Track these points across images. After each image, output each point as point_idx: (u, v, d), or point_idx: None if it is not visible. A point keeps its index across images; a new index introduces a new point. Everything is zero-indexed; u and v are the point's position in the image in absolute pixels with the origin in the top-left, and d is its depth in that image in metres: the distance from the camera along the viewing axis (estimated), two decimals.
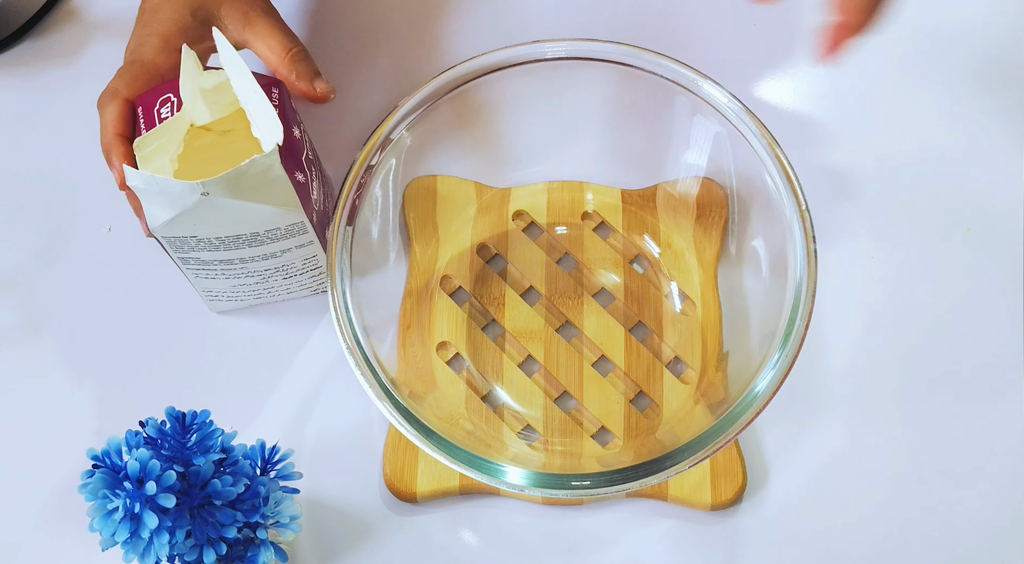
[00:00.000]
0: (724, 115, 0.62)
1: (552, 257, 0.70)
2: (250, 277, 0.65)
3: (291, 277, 0.66)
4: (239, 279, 0.65)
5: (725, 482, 0.64)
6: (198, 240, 0.60)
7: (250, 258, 0.63)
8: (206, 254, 0.62)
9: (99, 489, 0.52)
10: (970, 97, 0.75)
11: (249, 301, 0.68)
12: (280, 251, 0.63)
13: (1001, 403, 0.67)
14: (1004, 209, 0.72)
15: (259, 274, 0.65)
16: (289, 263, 0.64)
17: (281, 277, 0.66)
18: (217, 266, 0.63)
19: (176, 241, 0.60)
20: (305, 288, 0.68)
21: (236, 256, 0.62)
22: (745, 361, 0.62)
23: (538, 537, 0.65)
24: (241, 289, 0.66)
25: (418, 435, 0.57)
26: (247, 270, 0.64)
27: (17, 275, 0.72)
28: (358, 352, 0.58)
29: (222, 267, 0.63)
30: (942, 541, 0.65)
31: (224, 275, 0.64)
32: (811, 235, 0.59)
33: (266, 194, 0.58)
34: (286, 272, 0.65)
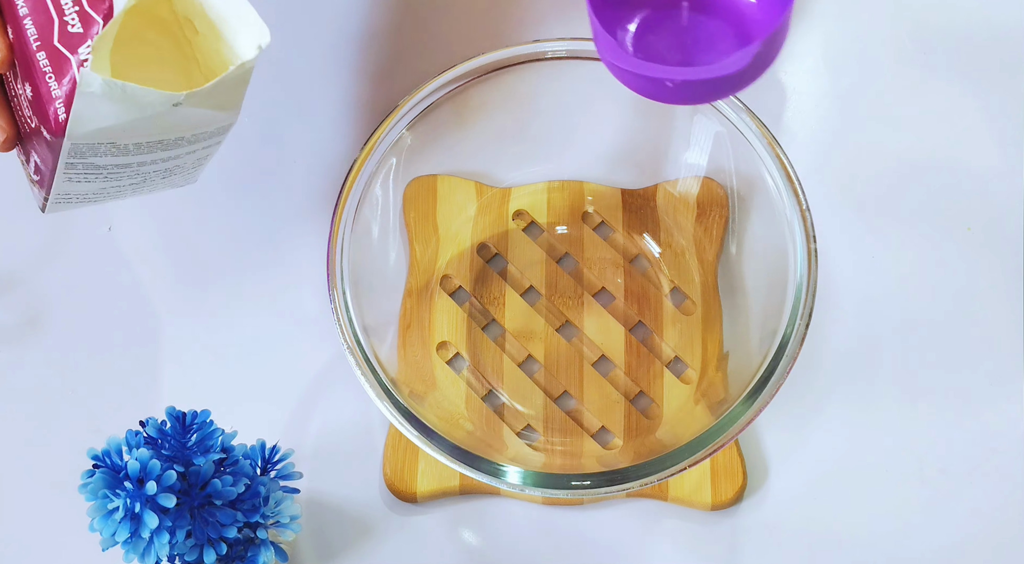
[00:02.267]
0: (724, 114, 0.62)
1: (552, 257, 0.70)
2: (130, 179, 0.57)
3: (169, 176, 0.59)
4: (116, 181, 0.57)
5: (725, 482, 0.64)
6: (113, 146, 0.53)
7: (151, 161, 0.56)
8: (106, 159, 0.54)
9: (99, 489, 0.52)
10: (970, 97, 0.75)
11: (96, 200, 0.60)
12: (188, 152, 0.57)
13: (1001, 403, 0.67)
14: (1004, 209, 0.72)
15: (142, 176, 0.57)
16: (182, 163, 0.58)
17: (160, 177, 0.59)
18: (105, 170, 0.56)
19: (85, 147, 0.53)
20: (174, 185, 0.61)
21: (139, 160, 0.55)
22: (745, 361, 0.62)
23: (538, 537, 0.65)
24: (104, 191, 0.58)
25: (418, 435, 0.57)
26: (136, 172, 0.57)
27: (17, 275, 0.72)
28: (358, 352, 0.58)
29: (111, 171, 0.56)
30: (942, 541, 0.65)
31: (103, 178, 0.56)
32: (811, 234, 0.59)
33: (227, 99, 0.53)
34: (168, 172, 0.59)
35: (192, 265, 0.72)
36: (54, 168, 0.54)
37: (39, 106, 0.51)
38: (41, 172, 0.56)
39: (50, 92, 0.51)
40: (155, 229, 0.73)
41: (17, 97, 0.54)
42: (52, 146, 0.52)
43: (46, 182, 0.56)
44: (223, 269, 0.71)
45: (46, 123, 0.51)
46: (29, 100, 0.52)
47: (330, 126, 0.75)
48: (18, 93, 0.53)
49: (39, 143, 0.54)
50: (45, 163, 0.54)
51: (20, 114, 0.54)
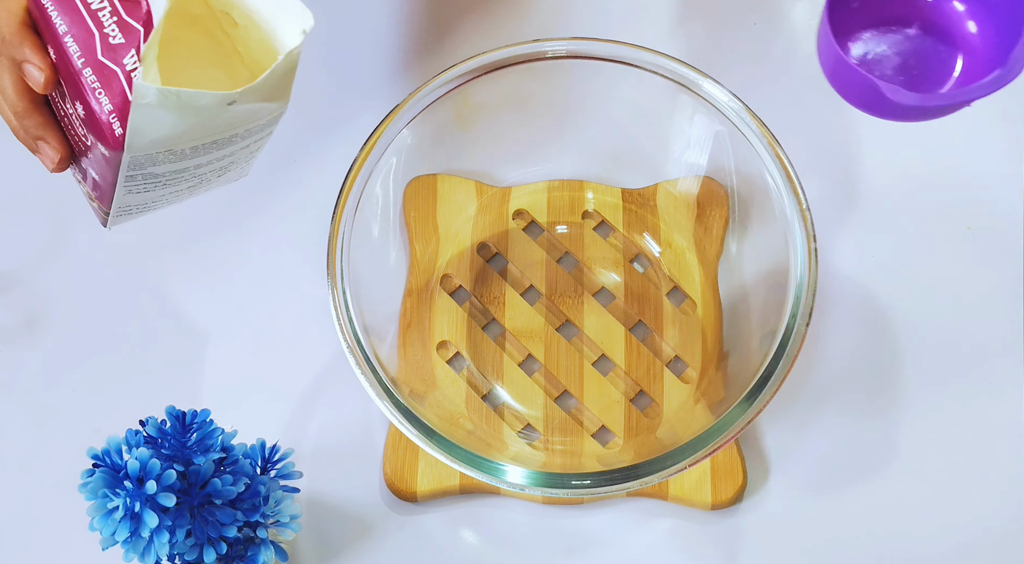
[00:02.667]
0: (725, 114, 0.62)
1: (552, 256, 0.70)
2: (187, 182, 0.56)
3: (224, 173, 0.58)
4: (174, 187, 0.56)
5: (725, 481, 0.64)
6: (170, 153, 0.52)
7: (207, 162, 0.55)
8: (164, 167, 0.53)
9: (99, 488, 0.52)
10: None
11: (156, 207, 0.59)
12: (241, 148, 0.55)
13: (1001, 403, 0.67)
14: (1004, 209, 0.72)
15: (198, 177, 0.56)
16: (236, 158, 0.57)
17: (216, 175, 0.57)
18: (163, 177, 0.54)
19: (144, 158, 0.51)
20: (229, 181, 0.60)
21: (195, 163, 0.54)
22: (746, 360, 0.62)
23: (538, 536, 0.65)
24: (164, 197, 0.57)
25: (419, 434, 0.56)
26: (193, 175, 0.56)
27: (17, 275, 0.72)
28: (358, 351, 0.58)
29: (169, 177, 0.55)
30: (942, 541, 0.65)
31: (162, 185, 0.55)
32: (811, 234, 0.59)
33: (277, 90, 0.52)
34: (223, 169, 0.57)
35: (192, 265, 0.72)
36: (114, 183, 0.53)
37: (93, 123, 0.50)
38: (100, 188, 0.55)
39: (102, 108, 0.49)
40: (155, 229, 0.73)
41: (67, 117, 0.53)
42: (110, 161, 0.51)
43: (106, 197, 0.55)
44: (223, 269, 0.71)
45: (103, 139, 0.50)
46: (81, 118, 0.51)
47: (330, 126, 0.75)
48: (68, 112, 0.52)
49: (95, 160, 0.53)
50: (104, 179, 0.53)
51: (73, 133, 0.53)
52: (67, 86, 0.51)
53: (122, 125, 0.49)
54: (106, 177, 0.53)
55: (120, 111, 0.49)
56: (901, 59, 0.58)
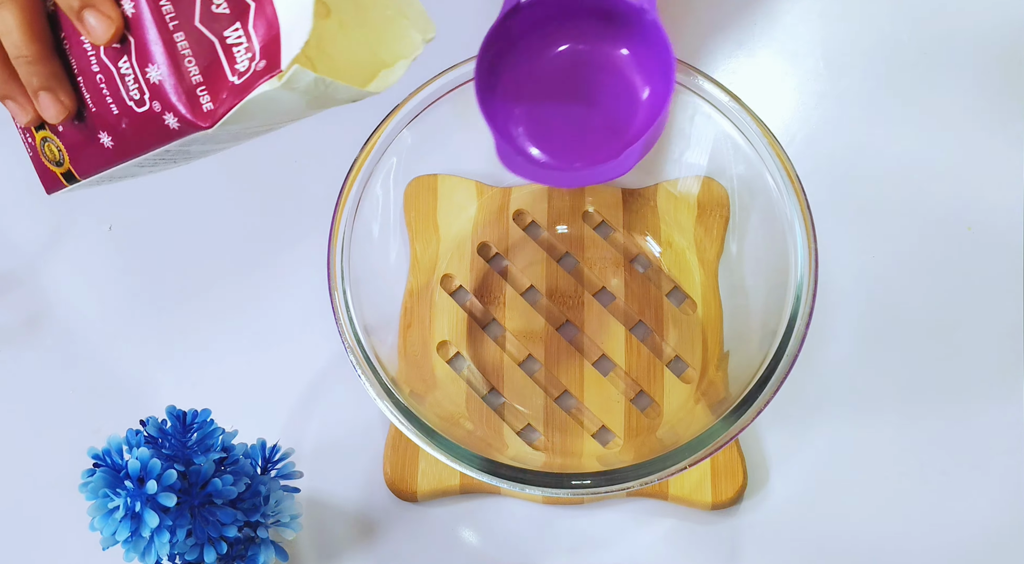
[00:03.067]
0: (725, 114, 0.62)
1: (553, 256, 0.70)
2: (188, 159, 0.52)
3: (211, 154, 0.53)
4: (171, 164, 0.52)
5: (725, 481, 0.64)
6: (238, 133, 0.48)
7: (227, 145, 0.51)
8: (207, 146, 0.49)
9: (100, 488, 0.52)
10: (970, 98, 0.75)
11: (126, 179, 0.54)
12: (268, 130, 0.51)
13: (1001, 403, 0.67)
14: (1004, 209, 0.72)
15: (202, 154, 0.52)
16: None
17: (206, 155, 0.53)
18: (189, 155, 0.51)
19: (211, 135, 0.47)
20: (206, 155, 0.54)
21: (227, 145, 0.51)
22: (746, 360, 0.62)
23: (538, 536, 0.65)
24: (147, 172, 0.53)
25: (419, 434, 0.56)
26: (205, 152, 0.52)
27: (17, 275, 0.72)
28: (358, 351, 0.58)
29: (192, 155, 0.51)
30: (942, 541, 0.65)
31: (173, 162, 0.52)
32: (812, 234, 0.59)
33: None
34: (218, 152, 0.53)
35: (192, 265, 0.72)
36: (137, 152, 0.48)
37: (164, 92, 0.45)
38: (98, 153, 0.49)
39: (188, 78, 0.45)
40: (155, 229, 0.73)
41: (111, 73, 0.47)
42: (159, 132, 0.46)
43: (98, 164, 0.50)
44: (223, 269, 0.71)
45: (175, 110, 0.45)
46: (145, 82, 0.46)
47: (330, 126, 0.75)
48: (116, 70, 0.47)
49: (128, 126, 0.47)
50: (122, 146, 0.48)
51: (95, 91, 0.48)
52: (136, 44, 0.46)
53: (213, 100, 0.45)
54: (129, 145, 0.48)
55: (211, 85, 0.45)
56: (567, 126, 0.57)
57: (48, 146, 0.52)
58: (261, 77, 0.44)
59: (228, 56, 0.44)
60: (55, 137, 0.51)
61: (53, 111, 0.48)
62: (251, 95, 0.44)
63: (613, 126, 0.56)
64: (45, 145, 0.52)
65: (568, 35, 0.56)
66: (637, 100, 0.56)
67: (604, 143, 0.55)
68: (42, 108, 0.49)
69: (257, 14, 0.44)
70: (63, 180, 0.52)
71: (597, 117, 0.56)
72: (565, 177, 0.55)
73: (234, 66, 0.44)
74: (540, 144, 0.56)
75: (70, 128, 0.50)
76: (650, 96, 0.55)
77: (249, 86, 0.44)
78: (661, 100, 0.54)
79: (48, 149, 0.52)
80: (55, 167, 0.52)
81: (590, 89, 0.56)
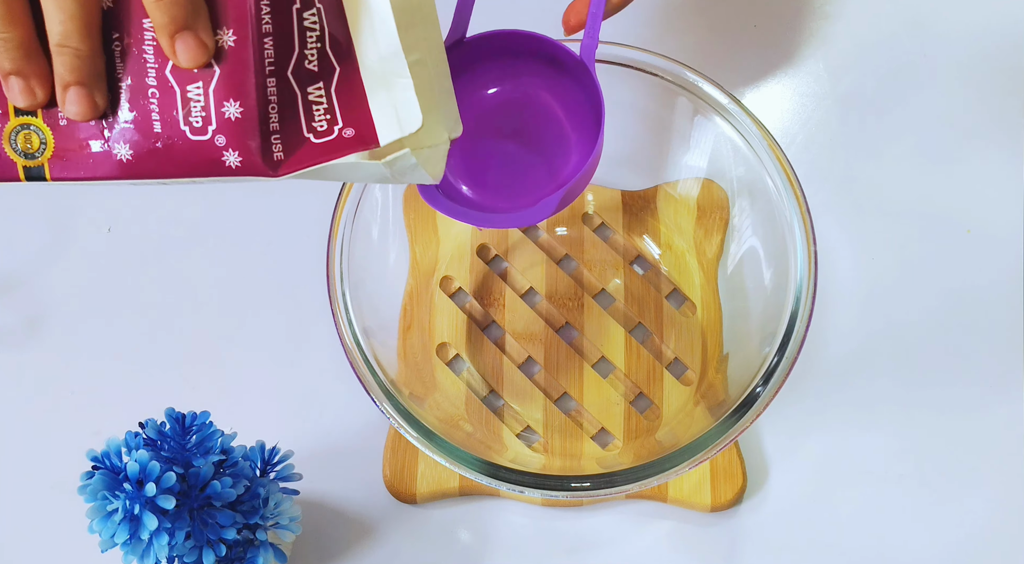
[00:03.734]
0: (724, 116, 0.62)
1: (552, 258, 0.70)
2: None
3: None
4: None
5: (725, 483, 0.64)
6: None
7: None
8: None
9: (99, 490, 0.52)
10: (970, 98, 0.75)
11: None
12: None
13: (1001, 403, 0.67)
14: (1004, 209, 0.72)
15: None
16: None
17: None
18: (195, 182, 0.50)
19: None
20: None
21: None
22: (745, 362, 0.62)
23: (538, 538, 0.65)
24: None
25: (418, 437, 0.56)
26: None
27: (17, 275, 0.72)
28: (358, 353, 0.58)
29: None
30: (942, 541, 0.65)
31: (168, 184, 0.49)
32: (811, 236, 0.59)
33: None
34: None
35: (192, 266, 0.72)
36: (152, 174, 0.46)
37: (249, 131, 0.44)
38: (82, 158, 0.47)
39: (269, 124, 0.44)
40: (155, 230, 0.73)
41: (171, 92, 0.45)
42: (208, 164, 0.45)
43: (82, 170, 0.47)
44: (222, 270, 0.71)
45: (261, 155, 0.44)
46: (218, 113, 0.45)
47: None
48: (182, 91, 0.45)
49: (170, 148, 0.46)
50: (136, 162, 0.46)
51: (155, 107, 0.46)
52: (222, 76, 0.45)
53: (285, 150, 0.45)
54: (154, 165, 0.46)
55: (287, 136, 0.45)
56: (500, 167, 0.56)
57: (26, 135, 0.48)
58: (352, 146, 0.45)
59: (307, 112, 0.45)
60: (46, 129, 0.48)
61: (82, 110, 0.45)
62: (340, 160, 0.44)
63: (545, 171, 0.56)
64: (21, 132, 0.48)
65: (509, 76, 0.56)
66: (570, 148, 0.56)
67: (535, 188, 0.55)
68: (69, 102, 0.45)
69: (341, 79, 0.45)
70: (20, 174, 0.48)
71: (531, 160, 0.56)
72: (482, 218, 0.54)
73: (311, 123, 0.45)
74: (470, 182, 0.55)
75: (76, 128, 0.47)
76: (579, 147, 0.56)
77: (335, 150, 0.45)
78: (587, 153, 0.54)
79: (24, 138, 0.48)
80: (21, 157, 0.48)
81: (526, 132, 0.56)
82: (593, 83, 0.53)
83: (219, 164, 0.45)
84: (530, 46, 0.54)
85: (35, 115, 0.48)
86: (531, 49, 0.54)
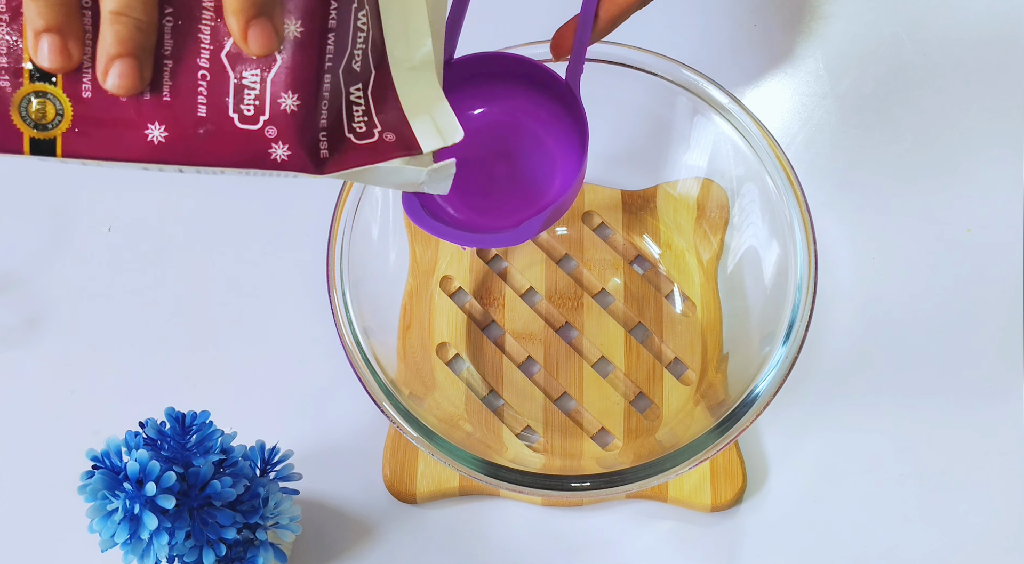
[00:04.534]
0: (724, 116, 0.62)
1: (552, 258, 0.70)
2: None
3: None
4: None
5: (725, 483, 0.64)
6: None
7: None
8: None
9: (99, 490, 0.52)
10: (970, 97, 0.75)
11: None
12: None
13: (1001, 403, 0.67)
14: (1004, 209, 0.72)
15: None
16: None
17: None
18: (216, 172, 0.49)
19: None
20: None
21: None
22: (745, 362, 0.62)
23: (538, 538, 0.65)
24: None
25: (418, 436, 0.56)
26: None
27: (17, 275, 0.72)
28: (358, 353, 0.58)
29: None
30: (942, 541, 0.65)
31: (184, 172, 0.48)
32: (811, 236, 0.59)
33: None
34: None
35: (191, 265, 0.72)
36: (185, 159, 0.44)
37: (303, 126, 0.43)
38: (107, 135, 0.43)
39: (320, 120, 0.44)
40: (154, 229, 0.73)
41: (225, 77, 0.43)
42: (252, 155, 0.43)
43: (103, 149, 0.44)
44: (222, 270, 0.71)
45: (309, 151, 0.43)
46: (274, 103, 0.43)
47: None
48: (236, 77, 0.43)
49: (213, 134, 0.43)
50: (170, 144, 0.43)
51: (204, 90, 0.43)
52: (283, 66, 0.43)
53: (330, 149, 0.44)
54: (188, 151, 0.44)
55: (331, 135, 0.44)
56: (484, 184, 0.56)
57: (40, 103, 0.43)
58: (395, 151, 0.45)
59: (348, 112, 0.45)
60: (65, 100, 0.43)
61: (128, 84, 0.41)
62: (384, 164, 0.45)
63: (530, 193, 0.56)
64: (35, 100, 0.43)
65: (495, 97, 0.56)
66: (555, 170, 0.56)
67: (518, 209, 0.55)
68: (115, 75, 0.42)
69: (377, 82, 0.45)
70: (25, 145, 0.44)
71: (515, 182, 0.56)
72: (466, 238, 0.54)
73: (351, 124, 0.45)
74: (454, 201, 0.55)
75: (104, 103, 0.43)
76: (563, 169, 0.56)
77: (379, 153, 0.45)
78: (571, 176, 0.55)
79: (39, 106, 0.43)
80: (30, 127, 0.43)
81: (511, 153, 0.56)
82: (578, 107, 0.54)
83: (264, 156, 0.43)
84: (517, 69, 0.54)
85: (54, 83, 0.43)
86: (517, 72, 0.54)
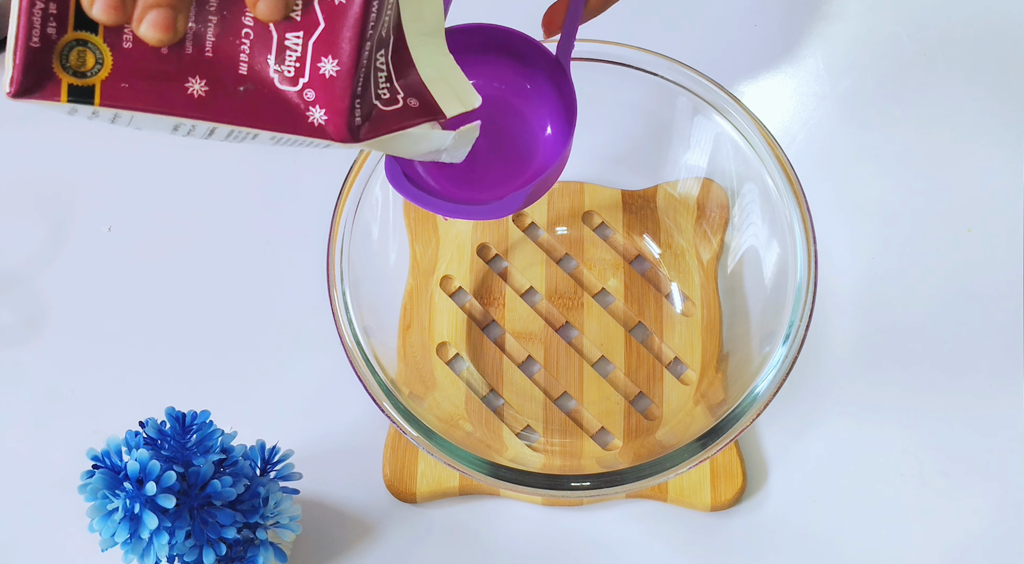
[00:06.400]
0: (725, 116, 0.62)
1: (552, 257, 0.70)
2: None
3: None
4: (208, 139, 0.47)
5: (725, 483, 0.64)
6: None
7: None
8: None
9: (99, 489, 0.52)
10: (970, 98, 0.75)
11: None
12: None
13: (1002, 403, 0.67)
14: (1004, 209, 0.72)
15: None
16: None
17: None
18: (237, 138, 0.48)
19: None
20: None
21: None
22: (745, 362, 0.62)
23: (538, 538, 0.65)
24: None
25: (418, 436, 0.56)
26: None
27: (17, 275, 0.72)
28: (358, 352, 0.58)
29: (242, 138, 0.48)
30: (942, 542, 0.65)
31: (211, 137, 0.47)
32: (811, 236, 0.59)
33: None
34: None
35: (191, 265, 0.72)
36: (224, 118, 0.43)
37: (342, 92, 0.43)
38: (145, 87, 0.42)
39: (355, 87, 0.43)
40: (154, 229, 0.73)
41: (268, 37, 0.43)
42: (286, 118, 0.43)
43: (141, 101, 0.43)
44: (222, 270, 0.72)
45: (343, 117, 0.43)
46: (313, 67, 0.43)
47: None
48: (279, 38, 0.43)
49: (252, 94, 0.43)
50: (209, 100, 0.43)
51: (246, 48, 0.43)
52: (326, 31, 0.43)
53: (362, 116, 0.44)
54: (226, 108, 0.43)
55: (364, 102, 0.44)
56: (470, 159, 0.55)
57: (80, 51, 0.42)
58: (421, 115, 0.46)
59: (374, 79, 0.45)
60: (105, 49, 0.42)
61: (160, 33, 0.41)
62: (412, 129, 0.45)
63: (515, 167, 0.56)
64: (76, 48, 0.42)
65: (483, 71, 0.56)
66: (541, 145, 0.56)
67: (503, 182, 0.55)
68: (148, 23, 0.40)
69: (395, 49, 0.45)
70: (63, 93, 0.43)
71: (501, 155, 0.56)
72: (448, 208, 0.54)
73: (377, 90, 0.45)
74: (437, 173, 0.55)
75: (145, 54, 0.42)
76: (550, 145, 0.56)
77: (406, 119, 0.45)
78: (558, 150, 0.54)
79: (77, 54, 0.42)
80: (69, 75, 0.42)
81: (498, 127, 0.56)
82: (568, 83, 0.54)
83: (301, 119, 0.43)
84: (507, 42, 0.54)
85: (96, 32, 0.42)
86: (508, 45, 0.54)
